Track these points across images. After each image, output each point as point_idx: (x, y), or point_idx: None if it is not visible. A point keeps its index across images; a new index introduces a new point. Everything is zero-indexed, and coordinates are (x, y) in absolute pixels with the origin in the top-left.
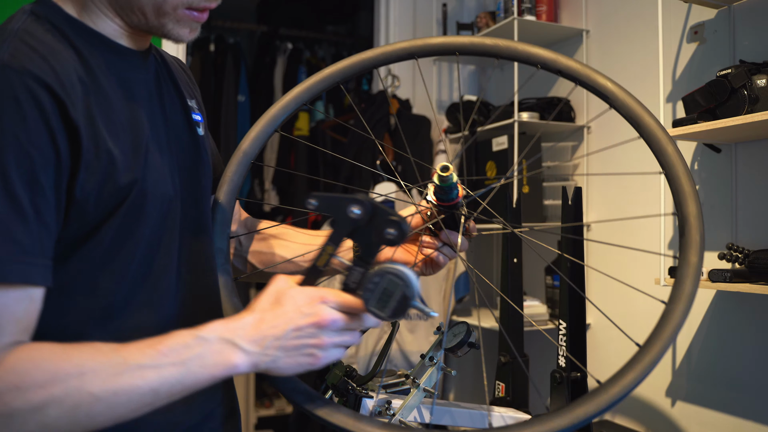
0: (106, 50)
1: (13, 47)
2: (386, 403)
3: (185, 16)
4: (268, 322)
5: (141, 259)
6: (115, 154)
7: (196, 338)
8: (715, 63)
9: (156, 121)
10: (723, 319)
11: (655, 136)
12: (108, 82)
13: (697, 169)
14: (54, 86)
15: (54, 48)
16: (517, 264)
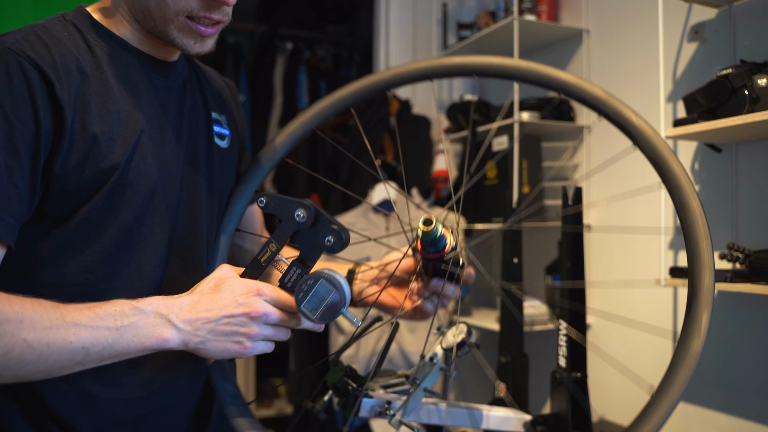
0: (121, 51)
1: (22, 36)
2: (386, 403)
3: (187, 25)
4: (204, 305)
5: (122, 244)
6: (100, 139)
7: (133, 308)
8: (715, 63)
9: (162, 122)
10: (723, 320)
11: (678, 183)
12: (113, 77)
13: (698, 169)
14: (45, 68)
15: (63, 41)
16: (517, 264)
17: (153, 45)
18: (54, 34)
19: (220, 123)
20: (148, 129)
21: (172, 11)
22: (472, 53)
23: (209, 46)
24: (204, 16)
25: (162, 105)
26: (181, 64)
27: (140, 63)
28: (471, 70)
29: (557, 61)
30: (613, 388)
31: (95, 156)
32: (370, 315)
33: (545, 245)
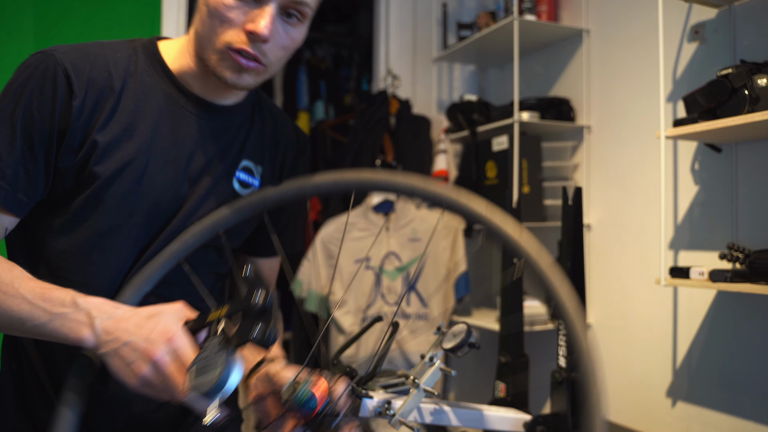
0: (165, 82)
1: (75, 49)
2: (386, 403)
3: (229, 55)
4: (127, 324)
5: (95, 245)
6: (99, 146)
7: (72, 301)
8: (715, 63)
9: (177, 153)
10: (724, 320)
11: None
12: (142, 101)
13: (698, 169)
14: (73, 80)
15: (107, 60)
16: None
17: (206, 85)
18: (105, 53)
19: (250, 172)
20: (155, 154)
21: (217, 40)
22: (472, 53)
23: (246, 81)
24: (242, 49)
25: (186, 138)
26: (237, 112)
27: (181, 97)
28: (343, 187)
29: (557, 61)
30: (613, 388)
31: (90, 159)
32: (371, 315)
33: (545, 245)
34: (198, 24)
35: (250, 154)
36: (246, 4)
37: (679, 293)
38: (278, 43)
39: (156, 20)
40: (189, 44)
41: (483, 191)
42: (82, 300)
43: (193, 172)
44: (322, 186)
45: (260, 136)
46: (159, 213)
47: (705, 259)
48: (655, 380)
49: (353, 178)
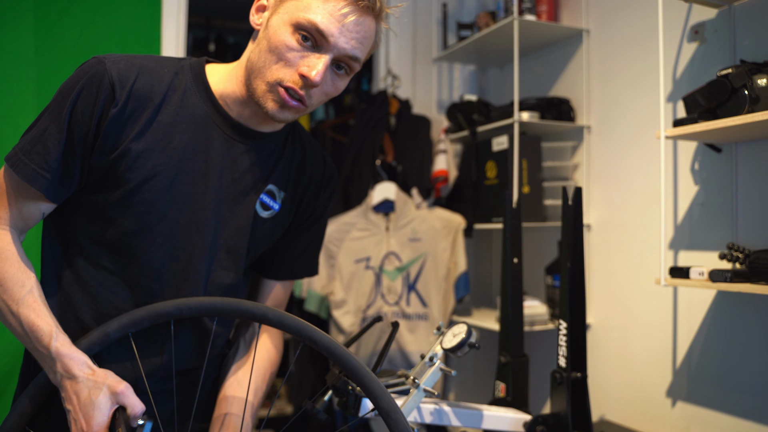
0: (207, 105)
1: (124, 59)
2: None
3: (276, 90)
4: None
5: (124, 245)
6: (131, 153)
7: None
8: (715, 63)
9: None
10: (724, 320)
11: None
12: (181, 119)
13: (698, 169)
14: (117, 89)
15: (154, 74)
16: (517, 264)
17: (244, 111)
18: (152, 67)
19: (272, 196)
20: (186, 167)
21: (270, 74)
22: (472, 53)
23: (285, 116)
24: (291, 88)
25: (218, 157)
26: (270, 139)
27: (218, 117)
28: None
29: (557, 61)
30: (613, 388)
31: (122, 164)
32: (370, 315)
33: (545, 245)
34: (255, 55)
35: (276, 179)
36: (306, 50)
37: (679, 293)
38: (324, 89)
39: (156, 20)
40: (239, 71)
41: (483, 191)
42: (55, 349)
43: (220, 188)
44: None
45: (289, 163)
46: (184, 223)
47: (705, 259)
48: (655, 380)
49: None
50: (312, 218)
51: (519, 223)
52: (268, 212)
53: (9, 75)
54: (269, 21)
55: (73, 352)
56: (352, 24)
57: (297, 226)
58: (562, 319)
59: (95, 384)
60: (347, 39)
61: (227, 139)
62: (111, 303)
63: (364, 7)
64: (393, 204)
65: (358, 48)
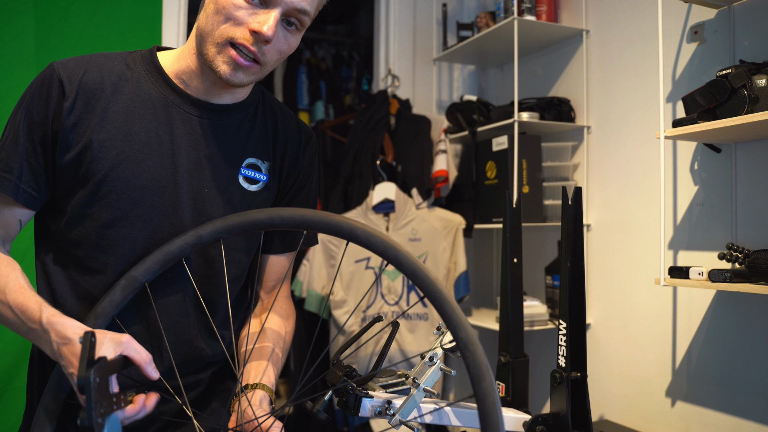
0: (164, 87)
1: (74, 60)
2: (386, 403)
3: (227, 51)
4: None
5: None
6: (94, 144)
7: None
8: (715, 63)
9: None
10: (723, 319)
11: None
12: (138, 104)
13: (697, 169)
14: (65, 83)
15: (104, 68)
16: (517, 264)
17: (202, 86)
18: (100, 62)
19: (256, 168)
20: (152, 151)
21: (219, 35)
22: (472, 53)
23: (239, 78)
24: (243, 45)
25: (183, 136)
26: (236, 111)
27: (176, 97)
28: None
29: (557, 62)
30: (612, 387)
31: (86, 157)
32: (370, 315)
33: (545, 245)
34: (203, 20)
35: (254, 151)
36: (253, 7)
37: (678, 293)
38: (276, 46)
39: (157, 20)
40: (189, 44)
41: (483, 191)
42: (46, 319)
43: (190, 167)
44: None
45: (263, 133)
46: (159, 206)
47: (704, 259)
48: (655, 380)
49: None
50: (298, 185)
51: (519, 223)
52: (257, 185)
53: (9, 75)
54: None
55: (64, 319)
56: None
57: (284, 195)
58: (561, 318)
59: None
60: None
61: (190, 117)
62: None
63: None
64: (393, 204)
65: (306, 1)
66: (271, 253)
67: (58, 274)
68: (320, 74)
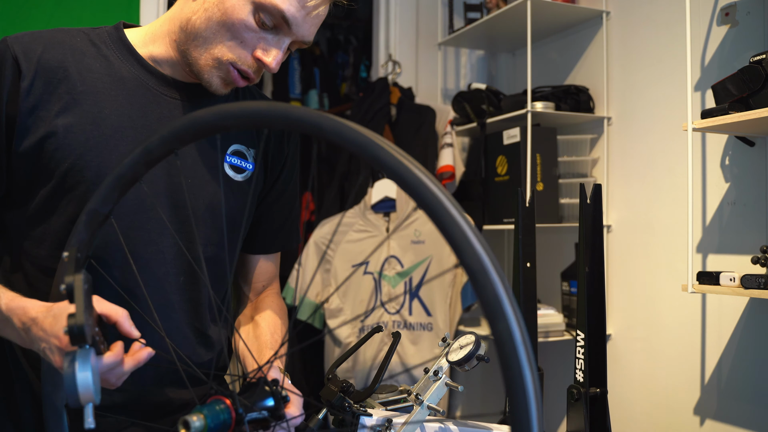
0: (135, 66)
1: (29, 35)
2: (387, 421)
3: (227, 69)
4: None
5: (64, 230)
6: (59, 130)
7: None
8: (748, 48)
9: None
10: (757, 329)
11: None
12: (107, 84)
13: (728, 164)
14: (21, 62)
15: (64, 45)
16: (530, 269)
17: (179, 70)
18: (61, 38)
19: (242, 156)
20: (125, 137)
21: (219, 51)
22: (481, 37)
23: (227, 92)
24: (245, 71)
25: (159, 119)
26: (220, 96)
27: (151, 78)
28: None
29: (574, 46)
30: (635, 405)
31: (50, 144)
32: (369, 325)
33: (561, 248)
34: (201, 21)
35: (239, 137)
36: (264, 32)
37: (707, 301)
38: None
39: (134, 12)
40: (170, 27)
41: (493, 189)
42: (4, 305)
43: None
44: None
45: None
46: (133, 198)
47: (736, 263)
48: (682, 396)
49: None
50: (284, 178)
51: (532, 223)
52: (243, 174)
53: None
54: None
55: (25, 301)
56: (317, 12)
57: (271, 188)
58: (579, 329)
59: (59, 308)
60: (308, 26)
61: (166, 100)
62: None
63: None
64: (394, 203)
65: (314, 33)
66: (257, 253)
67: (15, 275)
68: (314, 60)
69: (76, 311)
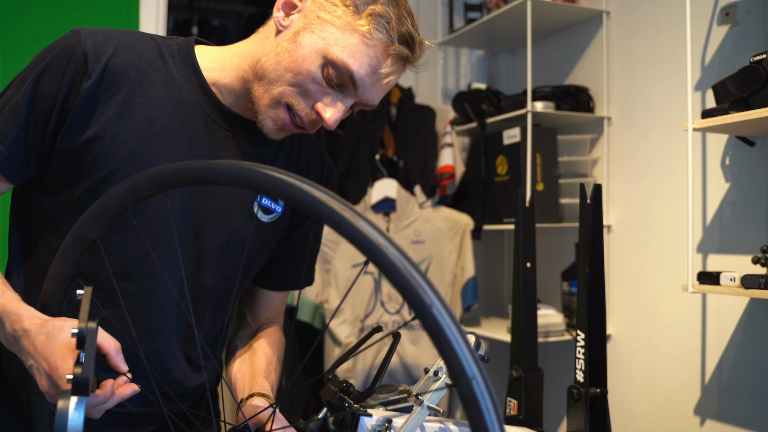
0: (195, 86)
1: (103, 33)
2: (386, 422)
3: (282, 112)
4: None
5: None
6: (106, 135)
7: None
8: (748, 47)
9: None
10: (757, 329)
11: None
12: (165, 102)
13: (729, 164)
14: (90, 61)
15: (134, 50)
16: (530, 269)
17: (238, 102)
18: (133, 43)
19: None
20: (168, 156)
21: (282, 93)
22: (481, 37)
23: (280, 136)
24: (300, 117)
25: (205, 146)
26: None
27: (208, 103)
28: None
29: (574, 46)
30: (635, 405)
31: (95, 147)
32: (369, 325)
33: (561, 248)
34: (271, 61)
35: None
36: (330, 88)
37: (708, 301)
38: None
39: (134, 12)
40: (241, 62)
41: (493, 189)
42: (1, 306)
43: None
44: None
45: (288, 160)
46: (162, 218)
47: (736, 263)
48: (682, 396)
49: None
50: (310, 221)
51: (532, 223)
52: (270, 216)
53: None
54: (299, 35)
55: (22, 308)
56: (387, 81)
57: (294, 230)
58: (579, 329)
59: (53, 327)
60: (376, 91)
61: (216, 128)
62: (78, 306)
63: (405, 66)
64: (394, 203)
65: (379, 98)
66: (270, 289)
67: (29, 263)
68: None
69: (84, 363)
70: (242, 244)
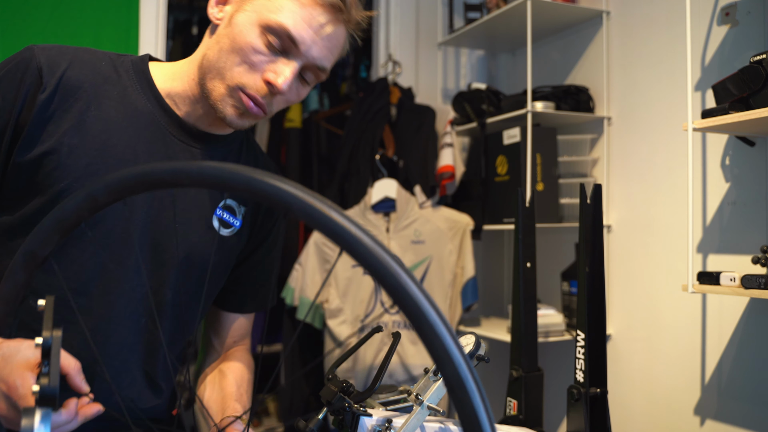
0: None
1: (58, 48)
2: (386, 422)
3: (238, 96)
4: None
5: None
6: (63, 149)
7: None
8: (748, 47)
9: None
10: (757, 330)
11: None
12: (120, 116)
13: (729, 164)
14: (45, 75)
15: (88, 66)
16: (530, 269)
17: (195, 112)
18: (87, 58)
19: (232, 212)
20: (122, 167)
21: (231, 77)
22: (481, 37)
23: (243, 123)
24: (254, 96)
25: (163, 159)
26: (223, 143)
27: (164, 116)
28: None
29: (574, 46)
30: (635, 405)
31: (51, 161)
32: (369, 325)
33: (561, 248)
34: (214, 53)
35: (234, 194)
36: (273, 54)
37: (708, 301)
38: (286, 97)
39: (134, 1)
40: (191, 68)
41: (493, 189)
42: None
43: (162, 196)
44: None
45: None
46: (119, 232)
47: (737, 263)
48: (682, 396)
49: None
50: (270, 240)
51: (532, 223)
52: (229, 230)
53: None
54: (233, 18)
55: None
56: (327, 34)
57: (255, 249)
58: (579, 329)
59: (9, 348)
60: (319, 48)
61: (173, 141)
62: (29, 326)
63: (341, 18)
64: (394, 203)
65: (328, 58)
66: (232, 311)
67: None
68: None
69: (50, 373)
70: (201, 258)
